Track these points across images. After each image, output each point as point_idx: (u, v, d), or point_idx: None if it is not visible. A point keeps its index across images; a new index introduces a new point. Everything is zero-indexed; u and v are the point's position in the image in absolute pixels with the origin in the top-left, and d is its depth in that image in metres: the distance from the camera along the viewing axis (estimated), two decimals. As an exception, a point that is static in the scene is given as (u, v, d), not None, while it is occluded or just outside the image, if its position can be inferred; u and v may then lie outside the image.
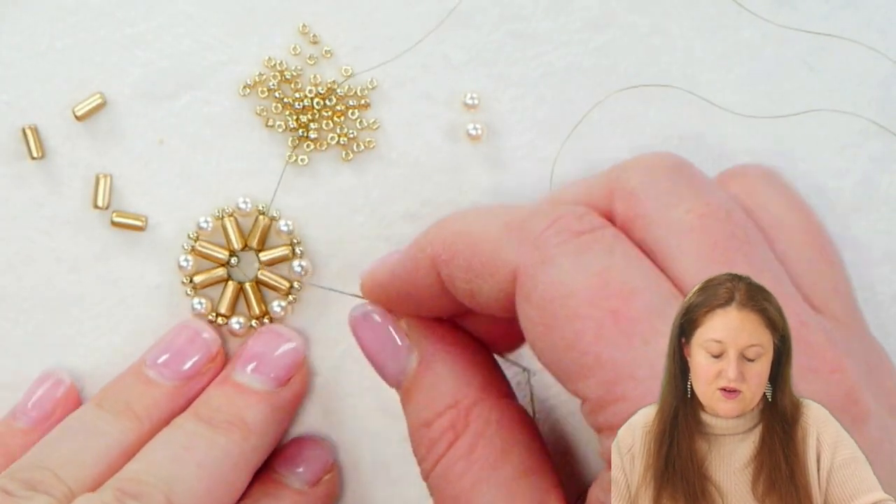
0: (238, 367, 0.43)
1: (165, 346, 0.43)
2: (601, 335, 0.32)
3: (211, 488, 0.39)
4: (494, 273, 0.35)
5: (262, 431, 0.42)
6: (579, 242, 0.34)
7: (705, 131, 0.45)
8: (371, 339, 0.40)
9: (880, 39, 0.45)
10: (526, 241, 0.35)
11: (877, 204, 0.46)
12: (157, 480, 0.38)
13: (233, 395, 0.42)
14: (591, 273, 0.33)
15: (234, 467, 0.40)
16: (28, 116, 0.44)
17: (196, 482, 0.39)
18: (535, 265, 0.34)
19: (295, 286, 0.45)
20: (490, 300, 0.36)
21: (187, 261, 0.44)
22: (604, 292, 0.33)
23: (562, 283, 0.33)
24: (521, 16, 0.45)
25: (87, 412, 0.42)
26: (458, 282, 0.36)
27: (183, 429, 0.41)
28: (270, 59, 0.45)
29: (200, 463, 0.39)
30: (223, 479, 0.40)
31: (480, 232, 0.36)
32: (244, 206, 0.44)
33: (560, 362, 0.33)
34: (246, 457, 0.41)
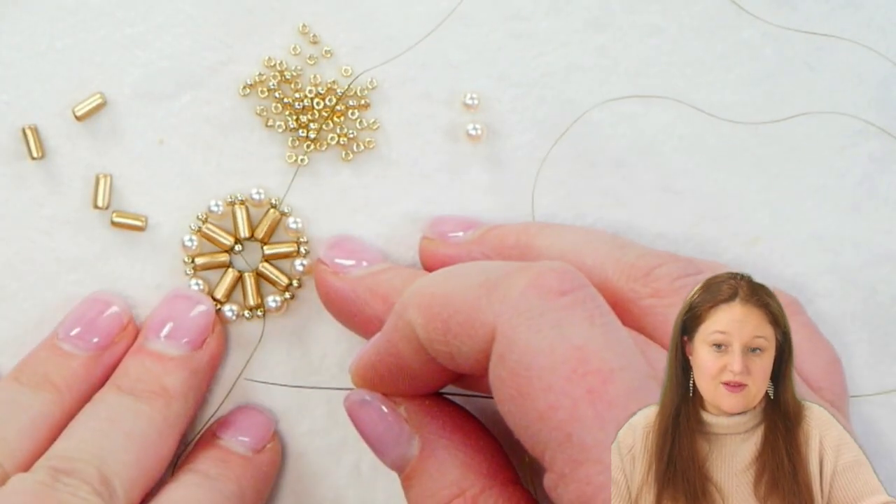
0: (151, 336, 0.43)
1: (76, 318, 0.43)
2: (575, 415, 0.31)
3: (140, 457, 0.40)
4: (473, 335, 0.34)
5: (184, 396, 0.42)
6: (561, 305, 0.33)
7: (705, 131, 0.45)
8: (370, 426, 0.39)
9: (880, 39, 0.45)
10: (506, 300, 0.33)
11: (877, 204, 0.46)
12: (89, 456, 0.39)
13: (150, 364, 0.42)
14: (572, 346, 0.32)
15: (160, 435, 0.41)
16: (28, 116, 0.44)
17: (125, 453, 0.40)
18: (515, 328, 0.33)
19: (294, 283, 0.45)
20: (470, 360, 0.34)
21: (192, 241, 0.44)
22: (582, 369, 0.32)
23: (540, 353, 0.32)
24: (521, 16, 0.45)
25: (6, 387, 0.42)
26: (436, 344, 0.35)
27: (105, 402, 0.42)
28: (270, 59, 0.45)
29: (128, 434, 0.40)
30: (151, 447, 0.41)
31: (456, 293, 0.35)
32: (257, 196, 0.44)
33: (528, 429, 0.33)
34: (170, 423, 0.42)
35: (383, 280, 0.42)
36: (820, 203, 0.45)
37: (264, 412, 0.45)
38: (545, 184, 0.45)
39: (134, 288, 0.45)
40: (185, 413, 0.43)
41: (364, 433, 0.40)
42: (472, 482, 0.37)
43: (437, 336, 0.35)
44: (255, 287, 0.45)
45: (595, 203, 0.45)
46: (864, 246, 0.46)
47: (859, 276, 0.46)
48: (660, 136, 0.45)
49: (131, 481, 0.40)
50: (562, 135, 0.45)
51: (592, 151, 0.45)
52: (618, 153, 0.45)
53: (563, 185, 0.45)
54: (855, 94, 0.45)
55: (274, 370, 0.45)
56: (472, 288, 0.34)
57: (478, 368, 0.34)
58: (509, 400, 0.33)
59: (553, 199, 0.45)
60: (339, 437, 0.45)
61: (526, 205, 0.45)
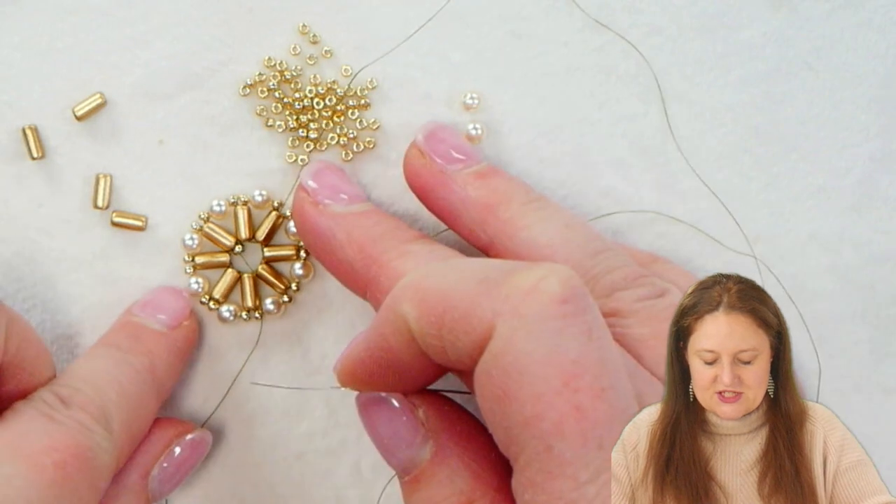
0: (136, 309, 0.44)
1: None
2: (560, 429, 0.31)
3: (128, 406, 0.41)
4: (469, 331, 0.34)
5: (165, 365, 0.43)
6: (561, 313, 0.33)
7: (705, 131, 0.45)
8: (383, 425, 0.39)
9: (880, 39, 0.45)
10: (507, 300, 0.33)
11: (877, 204, 0.46)
12: (90, 389, 0.40)
13: (135, 330, 0.44)
14: (568, 359, 0.32)
15: (146, 390, 0.42)
16: (28, 116, 0.44)
17: (118, 397, 0.41)
18: (513, 329, 0.33)
19: (292, 287, 0.45)
20: (462, 356, 0.34)
21: (193, 239, 0.44)
22: (574, 384, 0.32)
23: (535, 360, 0.32)
24: (521, 16, 0.45)
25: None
26: (429, 338, 0.35)
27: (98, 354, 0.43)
28: (270, 59, 0.45)
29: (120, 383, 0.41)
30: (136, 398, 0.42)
31: (453, 288, 0.34)
32: (260, 197, 0.44)
33: (508, 430, 0.33)
34: (152, 385, 0.43)
35: (362, 226, 0.42)
36: (820, 203, 0.45)
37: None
38: (545, 184, 0.45)
39: (134, 288, 0.45)
40: (164, 383, 0.43)
41: (375, 432, 0.39)
42: (481, 493, 0.37)
43: (430, 330, 0.35)
44: (253, 289, 0.45)
45: (595, 203, 0.45)
46: (864, 246, 0.46)
47: (859, 276, 0.46)
48: (659, 136, 0.45)
49: (123, 423, 0.41)
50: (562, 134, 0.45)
51: (592, 151, 0.45)
52: (618, 153, 0.45)
53: (563, 185, 0.45)
54: (855, 94, 0.45)
55: (274, 370, 0.45)
56: (471, 284, 0.34)
57: (469, 364, 0.34)
58: (494, 399, 0.33)
59: (553, 199, 0.45)
60: (339, 438, 0.45)
61: (526, 205, 0.45)
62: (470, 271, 0.35)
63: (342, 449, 0.45)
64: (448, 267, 0.36)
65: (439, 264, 0.38)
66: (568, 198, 0.45)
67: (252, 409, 0.45)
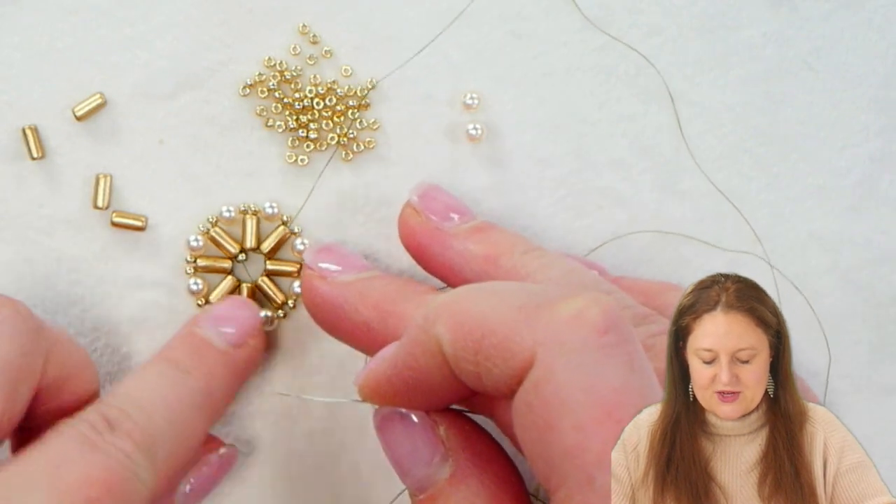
0: (201, 322, 0.43)
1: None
2: (604, 460, 0.31)
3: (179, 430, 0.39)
4: (508, 357, 0.33)
5: (223, 385, 0.42)
6: (603, 343, 0.32)
7: (705, 131, 0.45)
8: (402, 441, 0.38)
9: (880, 39, 0.45)
10: (548, 329, 0.32)
11: (877, 204, 0.46)
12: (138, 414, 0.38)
13: (198, 346, 0.42)
14: (610, 388, 0.31)
15: (199, 412, 0.40)
16: (28, 116, 0.44)
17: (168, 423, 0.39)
18: (555, 358, 0.32)
19: (289, 303, 0.45)
20: (498, 383, 0.33)
21: (198, 241, 0.44)
22: (616, 415, 0.31)
23: (578, 389, 0.31)
24: (521, 16, 0.45)
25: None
26: (464, 363, 0.34)
27: (153, 370, 0.41)
28: (270, 59, 0.45)
29: (171, 403, 0.39)
30: (188, 421, 0.39)
31: (492, 313, 0.33)
32: (270, 210, 0.44)
33: (548, 461, 0.32)
34: (207, 406, 0.41)
35: (374, 286, 0.41)
36: (820, 203, 0.45)
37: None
38: (545, 183, 0.45)
39: (134, 288, 0.45)
40: (219, 408, 0.42)
41: (392, 447, 0.38)
42: None
43: (466, 355, 0.34)
44: (251, 299, 0.44)
45: (595, 203, 0.45)
46: (864, 246, 0.46)
47: (859, 276, 0.46)
48: (659, 136, 0.45)
49: (169, 453, 0.38)
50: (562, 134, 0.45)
51: (592, 151, 0.45)
52: (618, 153, 0.45)
53: (563, 184, 0.45)
54: (855, 94, 0.45)
55: (274, 371, 0.45)
56: (510, 310, 0.33)
57: (504, 392, 0.33)
58: (534, 428, 0.32)
59: (553, 199, 0.45)
60: (339, 438, 0.45)
61: (526, 205, 0.45)
62: (508, 296, 0.34)
63: (342, 449, 0.45)
64: (485, 290, 0.35)
65: (475, 286, 0.37)
66: (568, 198, 0.45)
67: (252, 410, 0.45)
